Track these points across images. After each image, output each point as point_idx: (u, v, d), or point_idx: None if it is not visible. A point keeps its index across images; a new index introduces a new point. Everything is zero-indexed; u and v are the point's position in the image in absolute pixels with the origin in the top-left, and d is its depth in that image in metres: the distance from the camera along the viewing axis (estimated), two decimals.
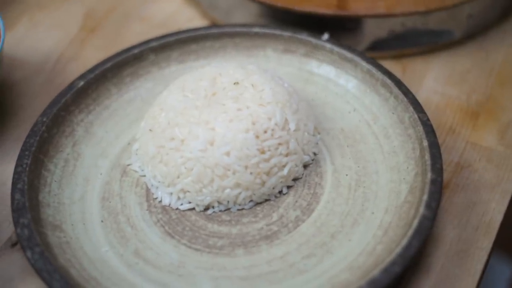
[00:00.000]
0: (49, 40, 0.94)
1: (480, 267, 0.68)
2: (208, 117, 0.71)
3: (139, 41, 0.85)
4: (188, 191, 0.71)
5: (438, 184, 0.67)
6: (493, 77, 0.86)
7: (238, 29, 0.84)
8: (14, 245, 0.72)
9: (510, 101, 0.83)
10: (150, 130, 0.74)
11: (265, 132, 0.71)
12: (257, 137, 0.71)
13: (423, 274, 0.67)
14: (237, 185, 0.71)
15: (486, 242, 0.70)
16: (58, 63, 0.91)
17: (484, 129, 0.80)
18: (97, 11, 0.98)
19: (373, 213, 0.70)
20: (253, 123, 0.71)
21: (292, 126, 0.72)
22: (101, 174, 0.75)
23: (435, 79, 0.86)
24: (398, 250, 0.63)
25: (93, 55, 0.92)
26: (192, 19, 0.96)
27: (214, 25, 0.86)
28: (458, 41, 0.89)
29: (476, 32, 0.90)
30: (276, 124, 0.72)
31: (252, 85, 0.74)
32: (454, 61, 0.88)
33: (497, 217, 0.71)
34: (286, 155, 0.72)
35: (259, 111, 0.72)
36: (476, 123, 0.81)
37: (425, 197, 0.66)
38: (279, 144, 0.71)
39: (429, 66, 0.87)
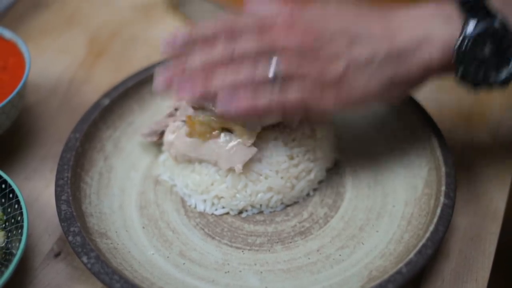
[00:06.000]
0: (58, 65, 0.98)
1: (493, 248, 0.75)
2: None
3: (147, 63, 0.90)
4: (223, 197, 0.76)
5: (452, 176, 0.75)
6: None
7: None
8: (57, 255, 0.75)
9: (496, 104, 0.92)
10: None
11: (293, 140, 0.77)
12: (285, 144, 0.76)
13: (444, 259, 0.74)
14: (269, 189, 0.76)
15: (494, 227, 0.77)
16: (71, 86, 0.95)
17: (477, 129, 0.89)
18: (100, 36, 1.03)
19: (394, 206, 0.77)
20: (281, 132, 0.77)
21: (318, 134, 0.79)
22: (135, 185, 0.80)
23: (427, 89, 0.94)
24: (427, 235, 0.69)
25: (103, 77, 0.96)
26: None
27: None
28: None
29: None
30: (303, 133, 0.78)
31: None
32: None
33: (501, 205, 0.79)
34: (313, 161, 0.78)
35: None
36: (469, 125, 0.89)
37: (443, 188, 0.73)
38: (307, 151, 0.77)
39: None
